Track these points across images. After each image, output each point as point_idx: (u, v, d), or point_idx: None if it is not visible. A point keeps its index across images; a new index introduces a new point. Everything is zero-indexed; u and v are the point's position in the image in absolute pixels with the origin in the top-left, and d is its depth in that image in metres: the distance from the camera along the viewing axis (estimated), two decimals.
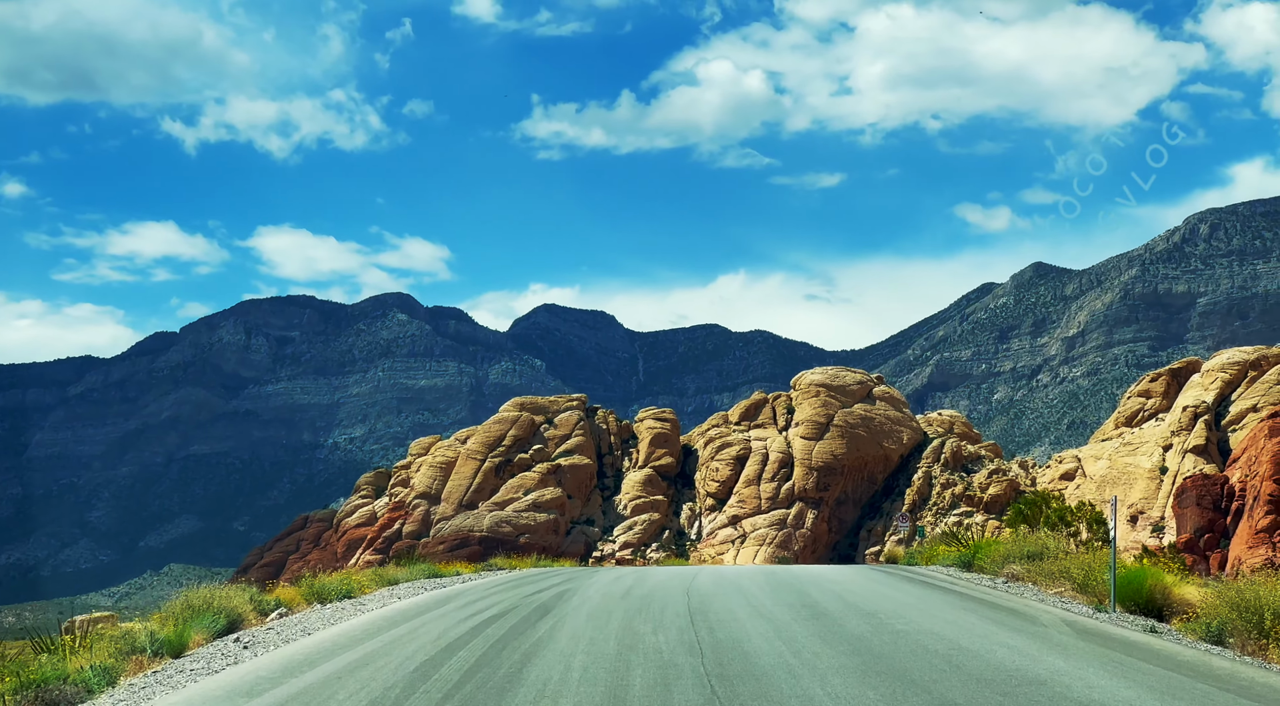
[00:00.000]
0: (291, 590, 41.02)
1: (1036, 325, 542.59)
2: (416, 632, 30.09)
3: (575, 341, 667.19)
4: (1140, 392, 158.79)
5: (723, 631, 29.02)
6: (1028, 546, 46.37)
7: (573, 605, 35.42)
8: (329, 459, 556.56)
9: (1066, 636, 28.26)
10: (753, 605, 34.58)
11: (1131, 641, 28.08)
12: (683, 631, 29.03)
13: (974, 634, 28.34)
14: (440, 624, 31.67)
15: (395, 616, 34.49)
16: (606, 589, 41.69)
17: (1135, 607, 34.21)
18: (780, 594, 38.23)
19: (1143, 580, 34.81)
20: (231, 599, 34.22)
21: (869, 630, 28.87)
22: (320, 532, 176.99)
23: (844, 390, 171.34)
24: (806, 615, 31.88)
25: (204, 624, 31.21)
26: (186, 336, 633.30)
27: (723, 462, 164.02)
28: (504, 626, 30.57)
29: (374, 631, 30.93)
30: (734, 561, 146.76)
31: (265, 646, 29.51)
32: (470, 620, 32.16)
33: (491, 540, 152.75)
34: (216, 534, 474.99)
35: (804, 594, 38.16)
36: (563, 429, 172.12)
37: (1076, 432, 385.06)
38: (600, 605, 35.25)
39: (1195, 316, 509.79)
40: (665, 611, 33.04)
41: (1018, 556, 45.64)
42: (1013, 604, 35.34)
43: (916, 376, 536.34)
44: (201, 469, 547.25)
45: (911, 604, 34.99)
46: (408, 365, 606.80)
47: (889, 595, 37.97)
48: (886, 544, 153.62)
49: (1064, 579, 39.31)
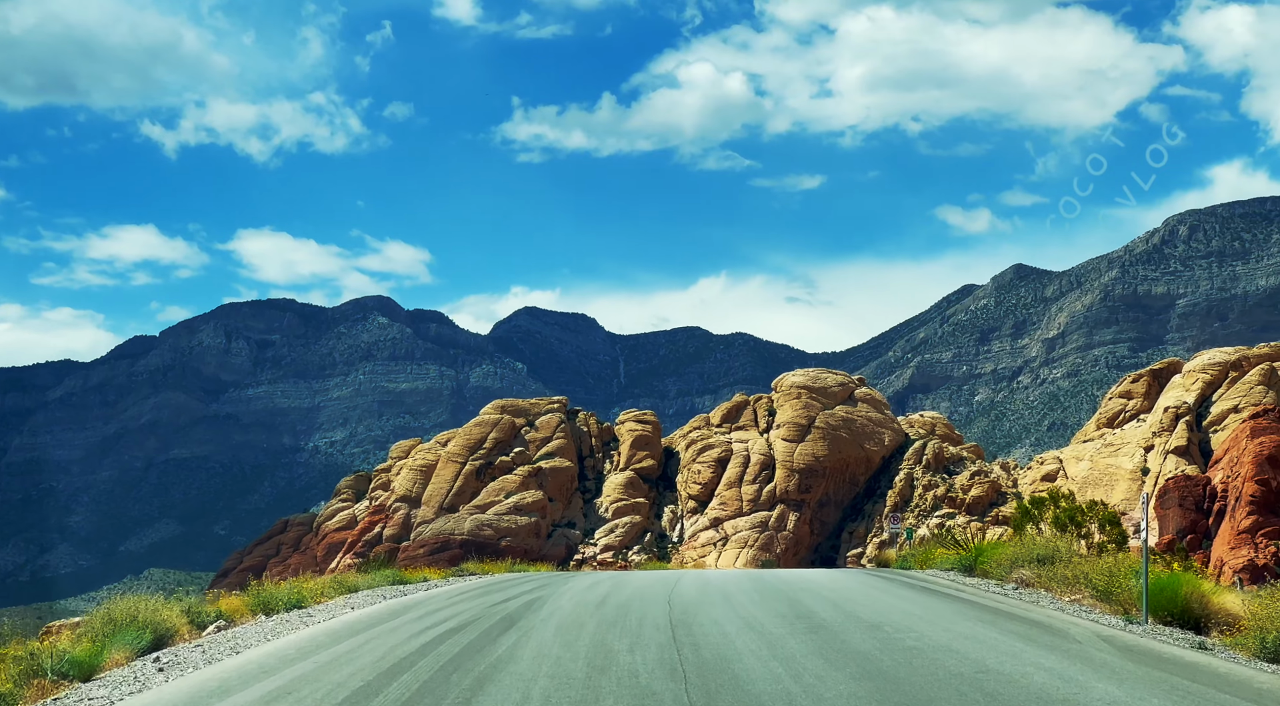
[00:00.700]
0: (236, 599, 38.27)
1: (1017, 327, 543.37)
2: (358, 652, 27.00)
3: (556, 344, 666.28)
4: (1121, 394, 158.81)
5: (709, 648, 26.20)
6: (1037, 549, 43.29)
7: (541, 616, 32.68)
8: (310, 462, 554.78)
9: (1108, 655, 25.31)
10: (741, 616, 31.90)
11: (1187, 662, 24.82)
12: (663, 648, 26.28)
13: (999, 651, 25.50)
14: (388, 640, 28.88)
15: (340, 631, 31.50)
16: (580, 597, 38.94)
17: (1169, 618, 31.19)
18: (770, 602, 35.65)
19: (1177, 588, 31.69)
20: (161, 611, 31.12)
21: (876, 646, 26.18)
22: (300, 536, 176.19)
23: (825, 392, 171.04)
24: (802, 628, 29.16)
25: (127, 640, 28.29)
26: (166, 340, 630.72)
27: (704, 465, 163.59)
28: (460, 642, 27.76)
29: (310, 650, 27.81)
30: (716, 564, 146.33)
31: (184, 668, 26.26)
32: (424, 635, 29.48)
33: (472, 543, 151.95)
34: (197, 538, 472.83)
35: (796, 602, 35.57)
36: (544, 431, 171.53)
37: (1057, 434, 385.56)
38: (572, 616, 32.59)
39: (1175, 318, 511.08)
40: (644, 624, 30.27)
41: (1026, 560, 42.69)
42: (1033, 614, 32.45)
43: (897, 378, 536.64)
44: (182, 473, 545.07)
45: (918, 614, 32.34)
46: (389, 368, 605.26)
47: (891, 603, 35.30)
48: (868, 546, 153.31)
49: (1082, 585, 36.34)
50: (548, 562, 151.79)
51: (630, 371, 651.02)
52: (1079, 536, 47.72)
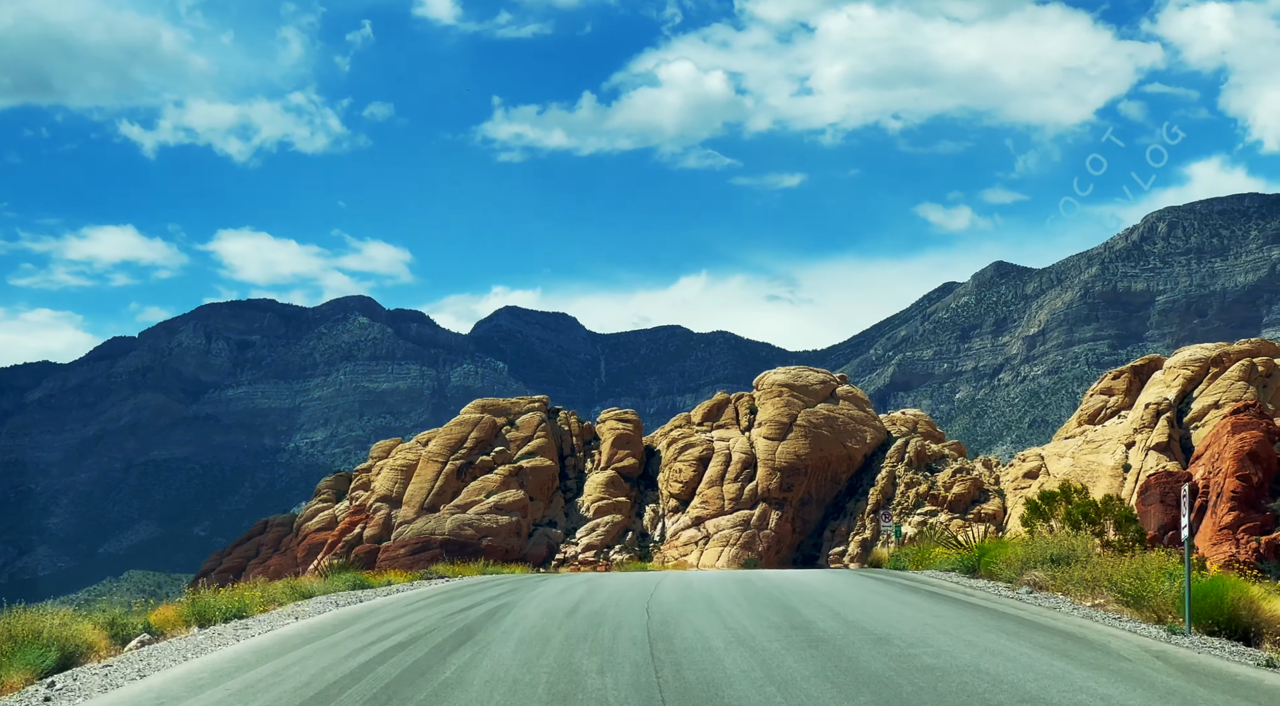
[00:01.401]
0: (170, 609, 34.80)
1: (998, 324, 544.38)
2: (282, 675, 23.37)
3: (537, 343, 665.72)
4: (1102, 390, 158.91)
5: (693, 668, 22.68)
6: (1051, 548, 39.93)
7: (504, 627, 29.59)
8: (290, 463, 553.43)
9: (1170, 677, 21.52)
10: (729, 627, 28.68)
11: (1268, 686, 21.04)
12: (639, 668, 22.84)
13: (1039, 673, 21.71)
14: (322, 659, 25.32)
15: (271, 648, 27.85)
16: (550, 603, 35.73)
17: (1215, 627, 27.94)
18: (761, 609, 32.46)
19: (1222, 593, 28.38)
20: (72, 626, 28.04)
21: (889, 666, 22.54)
22: (280, 537, 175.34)
23: (807, 390, 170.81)
24: (800, 641, 25.95)
25: (29, 660, 25.13)
26: (145, 341, 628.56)
27: (686, 464, 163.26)
28: (403, 662, 24.30)
29: (228, 672, 24.12)
30: (698, 562, 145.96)
31: (75, 696, 22.82)
32: (365, 652, 26.02)
33: (453, 543, 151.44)
34: (177, 539, 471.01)
35: (790, 609, 32.45)
36: (524, 431, 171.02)
37: (1038, 431, 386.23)
38: (538, 627, 29.47)
39: (1154, 314, 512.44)
40: (618, 636, 27.14)
41: (1039, 560, 39.51)
42: (1060, 623, 29.15)
43: (879, 376, 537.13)
44: (161, 474, 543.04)
45: (930, 623, 28.83)
46: (369, 368, 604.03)
47: (896, 611, 31.95)
48: (851, 544, 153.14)
49: (1105, 588, 33.46)
50: (529, 562, 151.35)
51: (611, 370, 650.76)
52: (1093, 534, 43.63)
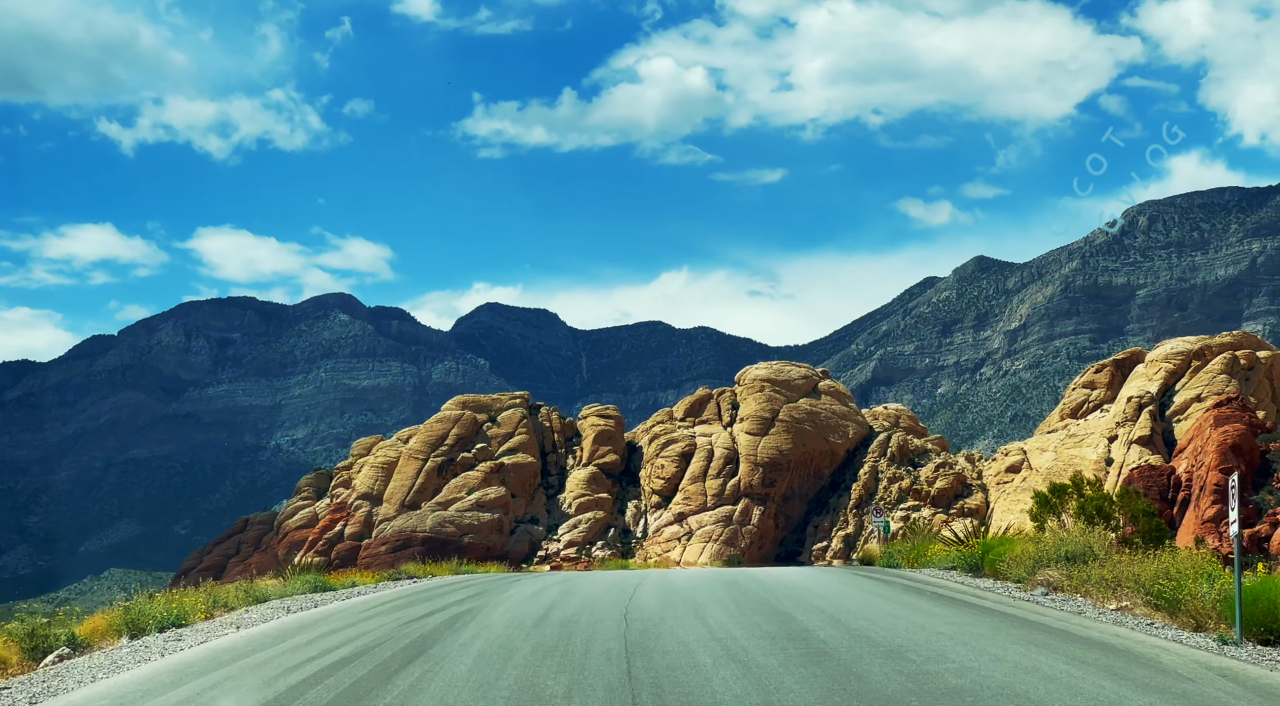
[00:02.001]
0: (102, 617, 31.87)
1: (979, 319, 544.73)
2: (195, 702, 20.63)
3: (519, 340, 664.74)
4: (1085, 384, 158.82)
5: (677, 692, 19.73)
6: (1065, 545, 36.68)
7: (463, 638, 26.51)
8: (272, 461, 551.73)
9: (1248, 703, 18.95)
10: (717, 637, 25.52)
11: None
12: (614, 691, 19.97)
13: (1088, 697, 18.98)
14: (250, 679, 22.54)
15: (196, 664, 24.94)
16: (519, 609, 32.65)
17: (1267, 636, 25.11)
18: (751, 615, 29.45)
19: (1275, 596, 25.44)
20: None
21: (907, 687, 19.78)
22: (261, 535, 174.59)
23: (789, 385, 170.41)
24: (799, 655, 22.77)
25: None
26: (125, 339, 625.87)
27: (668, 459, 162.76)
28: (340, 684, 21.35)
29: (132, 700, 21.18)
30: (680, 558, 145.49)
31: None
32: (299, 671, 23.09)
33: (435, 540, 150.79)
34: (158, 538, 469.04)
35: (783, 615, 29.43)
36: (506, 427, 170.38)
37: (1020, 425, 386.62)
38: (501, 638, 26.37)
39: (1135, 308, 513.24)
40: (591, 649, 24.08)
41: (1052, 558, 36.40)
42: (1094, 633, 25.87)
43: (860, 371, 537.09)
44: (142, 473, 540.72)
45: (944, 633, 25.74)
46: (350, 366, 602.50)
47: (904, 617, 28.88)
48: (834, 539, 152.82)
49: (1131, 590, 30.62)
50: (511, 559, 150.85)
51: (593, 366, 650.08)
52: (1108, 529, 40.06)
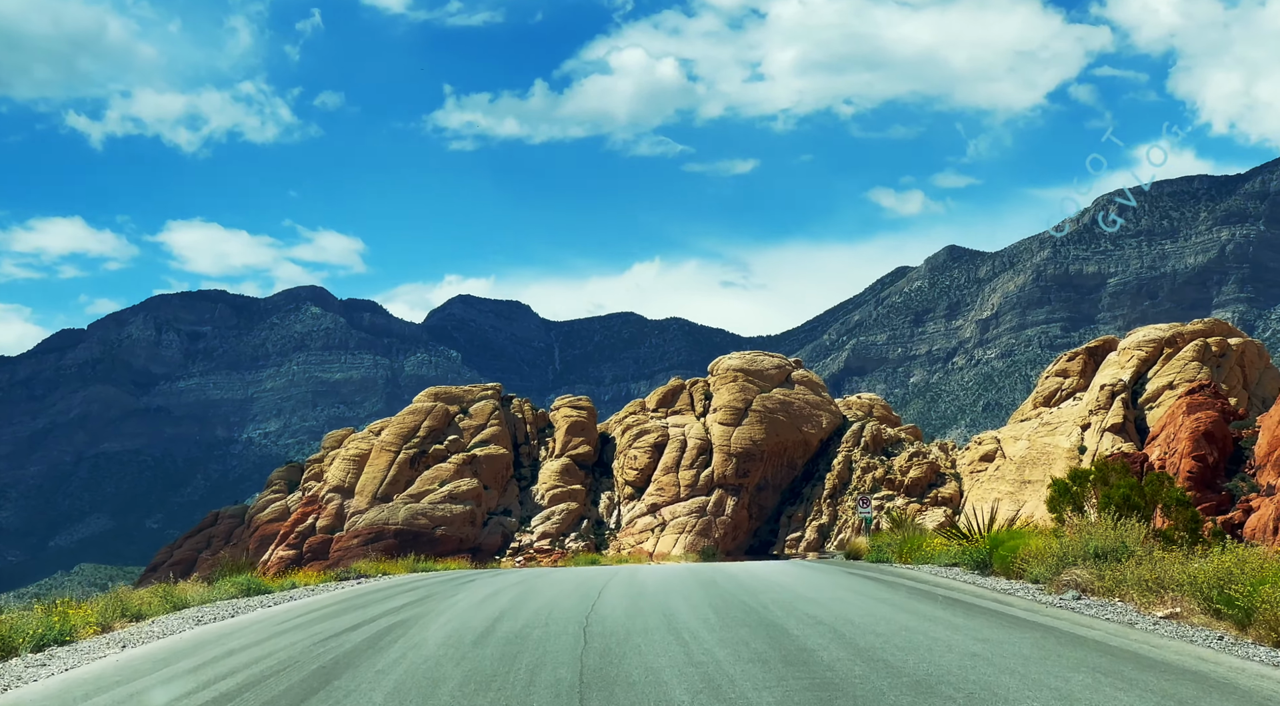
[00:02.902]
0: None
1: (951, 308, 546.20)
2: None
3: (491, 332, 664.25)
4: (1058, 372, 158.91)
5: None
6: (1094, 540, 31.84)
7: (382, 663, 21.95)
8: (244, 454, 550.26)
9: None
10: (696, 662, 20.73)
11: None
12: None
13: None
14: None
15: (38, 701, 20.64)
16: (462, 619, 28.31)
17: None
18: (736, 628, 24.70)
19: None
20: None
21: None
22: (232, 529, 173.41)
23: (762, 375, 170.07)
24: (802, 689, 18.24)
25: None
26: (95, 333, 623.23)
27: (641, 450, 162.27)
28: None
29: None
30: (654, 549, 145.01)
31: None
32: None
33: (407, 533, 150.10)
34: (129, 532, 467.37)
35: (774, 626, 24.86)
36: (478, 419, 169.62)
37: (992, 414, 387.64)
38: (430, 662, 21.82)
39: (1106, 297, 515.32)
40: (537, 680, 19.76)
41: (1078, 555, 31.78)
42: (1169, 654, 20.85)
43: (833, 361, 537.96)
44: (112, 467, 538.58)
45: (980, 654, 20.64)
46: (322, 358, 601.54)
47: (919, 630, 23.83)
48: (808, 529, 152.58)
49: (1187, 594, 25.90)
50: (484, 552, 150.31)
51: (565, 358, 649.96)
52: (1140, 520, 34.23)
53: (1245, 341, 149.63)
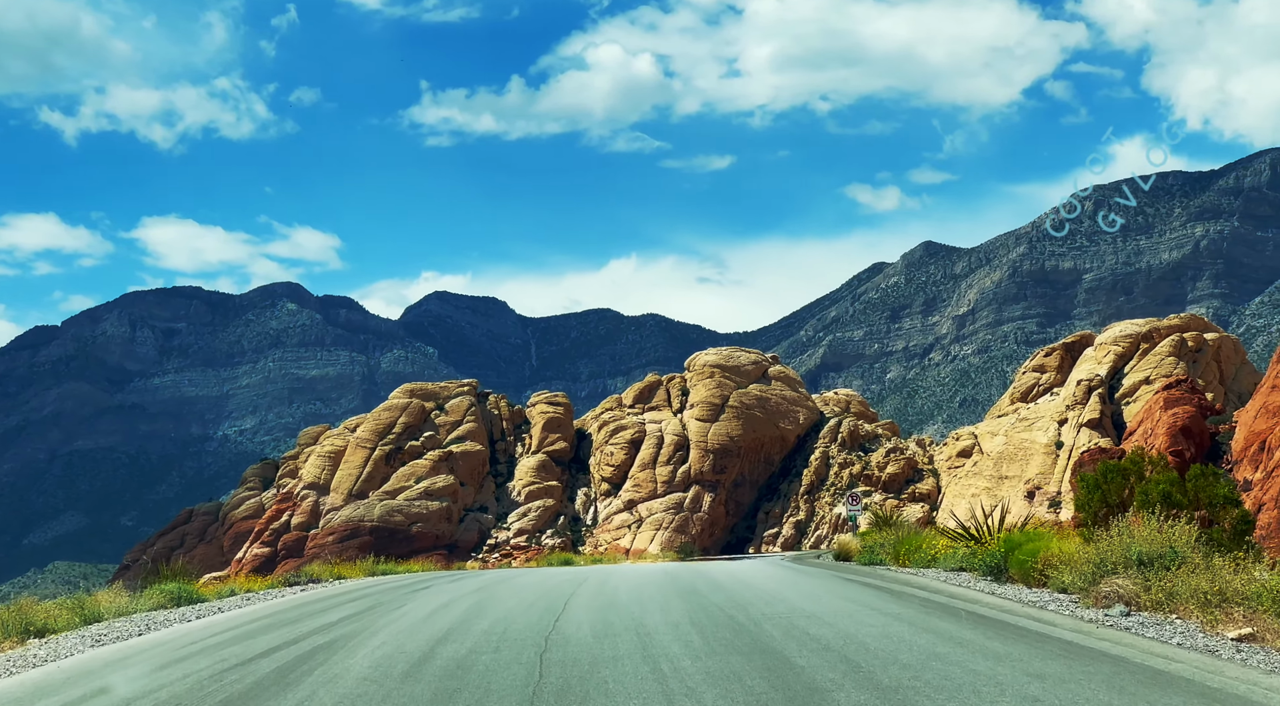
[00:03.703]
0: None
1: (927, 304, 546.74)
2: None
3: (468, 328, 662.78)
4: (1035, 367, 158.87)
5: None
6: (1137, 545, 27.31)
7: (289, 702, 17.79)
8: (219, 451, 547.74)
9: None
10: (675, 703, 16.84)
11: None
12: None
13: None
14: None
15: None
16: (399, 641, 23.90)
17: None
18: (726, 656, 20.44)
19: None
20: None
21: None
22: (206, 526, 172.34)
23: (739, 370, 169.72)
24: None
25: None
26: (69, 330, 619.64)
27: (617, 446, 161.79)
28: None
29: None
30: (630, 545, 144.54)
31: None
32: None
33: (383, 530, 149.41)
34: (103, 530, 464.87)
35: (772, 653, 20.63)
36: (454, 415, 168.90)
37: (969, 410, 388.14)
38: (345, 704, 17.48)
39: (1082, 292, 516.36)
40: None
41: (1118, 562, 27.26)
42: None
43: (810, 357, 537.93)
44: (87, 464, 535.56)
45: (1047, 702, 16.09)
46: (298, 355, 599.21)
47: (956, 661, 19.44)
48: (785, 526, 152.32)
49: (1266, 611, 21.93)
50: (460, 548, 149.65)
51: (542, 354, 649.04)
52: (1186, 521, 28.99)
53: (1221, 337, 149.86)
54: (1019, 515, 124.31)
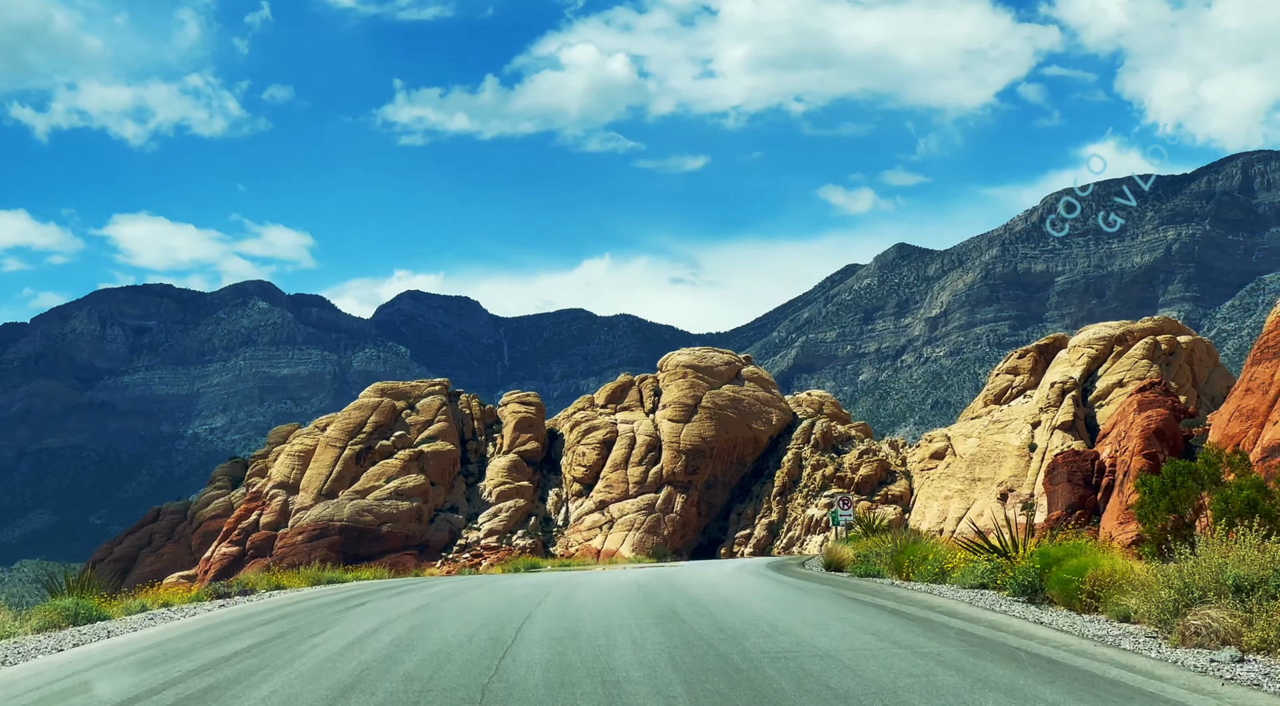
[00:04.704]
0: None
1: (900, 306, 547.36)
2: None
3: (440, 328, 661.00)
4: (1008, 370, 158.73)
5: None
6: (1234, 568, 21.12)
7: None
8: (189, 450, 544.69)
9: None
10: None
11: None
12: None
13: None
14: None
15: None
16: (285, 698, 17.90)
17: None
18: None
19: None
20: None
21: None
22: (174, 525, 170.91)
23: (712, 371, 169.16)
24: None
25: None
26: (37, 327, 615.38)
27: (589, 447, 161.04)
28: None
29: None
30: (601, 547, 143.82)
31: None
32: None
33: (352, 530, 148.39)
34: (72, 528, 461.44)
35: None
36: (425, 414, 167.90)
37: (940, 412, 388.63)
38: None
39: (1054, 295, 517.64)
40: None
41: (1206, 587, 21.43)
42: None
43: (782, 358, 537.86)
44: (55, 462, 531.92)
45: None
46: (270, 353, 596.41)
47: None
48: (757, 527, 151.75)
49: None
50: (430, 548, 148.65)
51: (514, 354, 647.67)
52: None
53: (1194, 339, 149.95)
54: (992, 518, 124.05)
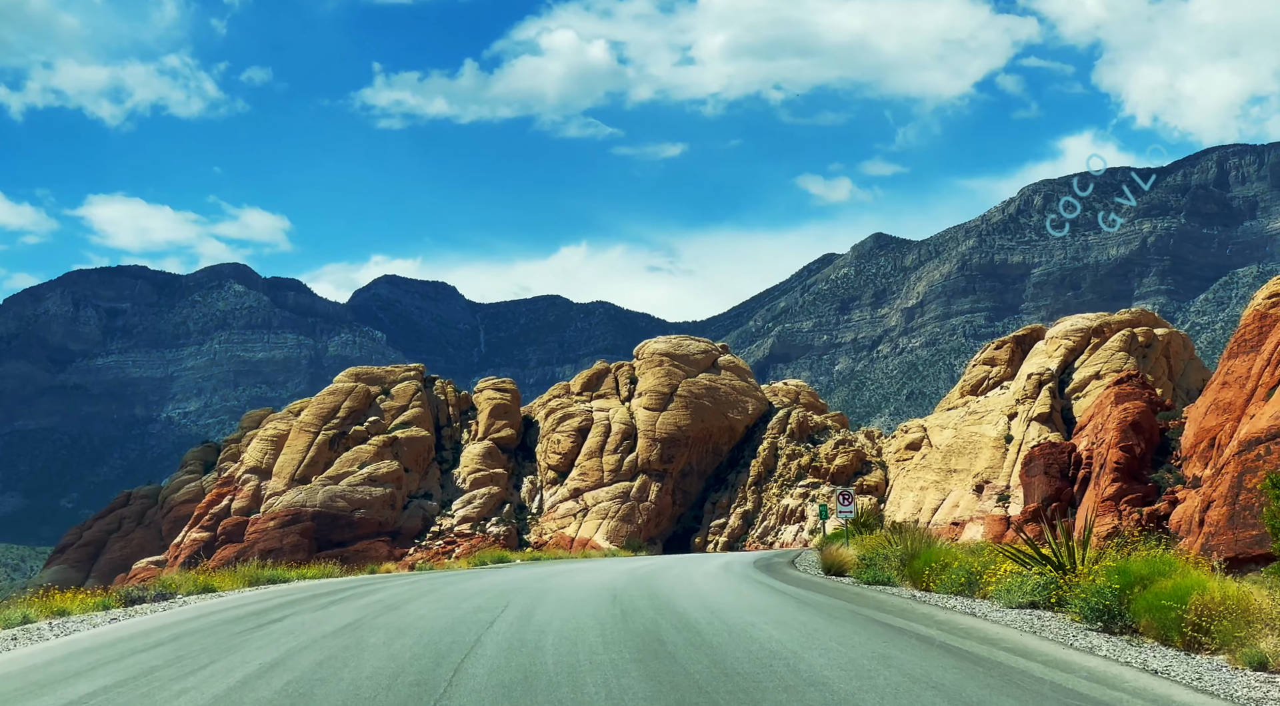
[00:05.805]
0: None
1: (877, 296, 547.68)
2: None
3: (416, 313, 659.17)
4: (985, 360, 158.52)
5: None
6: None
7: None
8: (163, 434, 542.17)
9: None
10: None
11: None
12: None
13: None
14: None
15: None
16: None
17: None
18: None
19: None
20: None
21: None
22: (145, 509, 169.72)
23: (688, 359, 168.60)
24: None
25: None
26: (10, 308, 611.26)
27: (564, 434, 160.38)
28: None
29: None
30: (575, 534, 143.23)
31: None
32: None
33: (325, 515, 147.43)
34: (43, 512, 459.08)
35: None
36: (399, 400, 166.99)
37: (916, 403, 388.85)
38: None
39: (1030, 287, 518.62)
40: None
41: None
42: None
43: (758, 347, 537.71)
44: (26, 445, 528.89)
45: None
46: (245, 337, 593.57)
47: None
48: (731, 517, 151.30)
49: None
50: (404, 535, 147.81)
51: (490, 340, 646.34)
52: None
53: (1171, 332, 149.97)
54: (967, 509, 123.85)
